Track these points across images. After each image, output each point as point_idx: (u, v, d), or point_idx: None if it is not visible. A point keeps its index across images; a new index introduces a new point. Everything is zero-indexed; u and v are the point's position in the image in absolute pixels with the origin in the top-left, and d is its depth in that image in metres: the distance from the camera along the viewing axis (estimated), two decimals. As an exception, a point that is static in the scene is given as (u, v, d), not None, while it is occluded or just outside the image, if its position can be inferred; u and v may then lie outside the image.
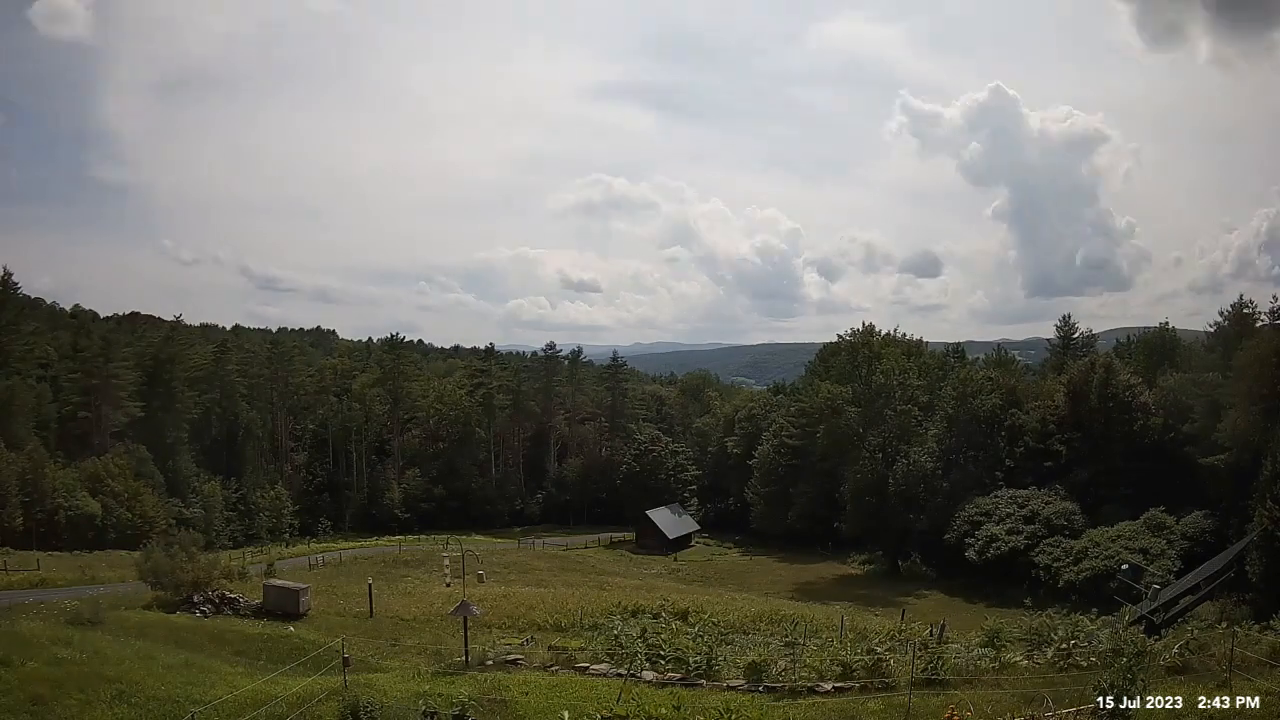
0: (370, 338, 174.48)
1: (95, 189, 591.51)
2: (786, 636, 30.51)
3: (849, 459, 79.99)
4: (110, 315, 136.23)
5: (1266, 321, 66.94)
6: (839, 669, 19.25)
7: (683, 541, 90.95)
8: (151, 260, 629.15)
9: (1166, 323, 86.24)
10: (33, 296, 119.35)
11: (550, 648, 26.68)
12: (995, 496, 69.06)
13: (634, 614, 36.49)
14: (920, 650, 19.32)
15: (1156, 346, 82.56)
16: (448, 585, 39.66)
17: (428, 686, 19.81)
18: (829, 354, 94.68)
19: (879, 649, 20.13)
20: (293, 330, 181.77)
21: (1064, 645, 19.52)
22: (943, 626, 29.99)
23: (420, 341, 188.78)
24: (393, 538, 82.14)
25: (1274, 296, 77.33)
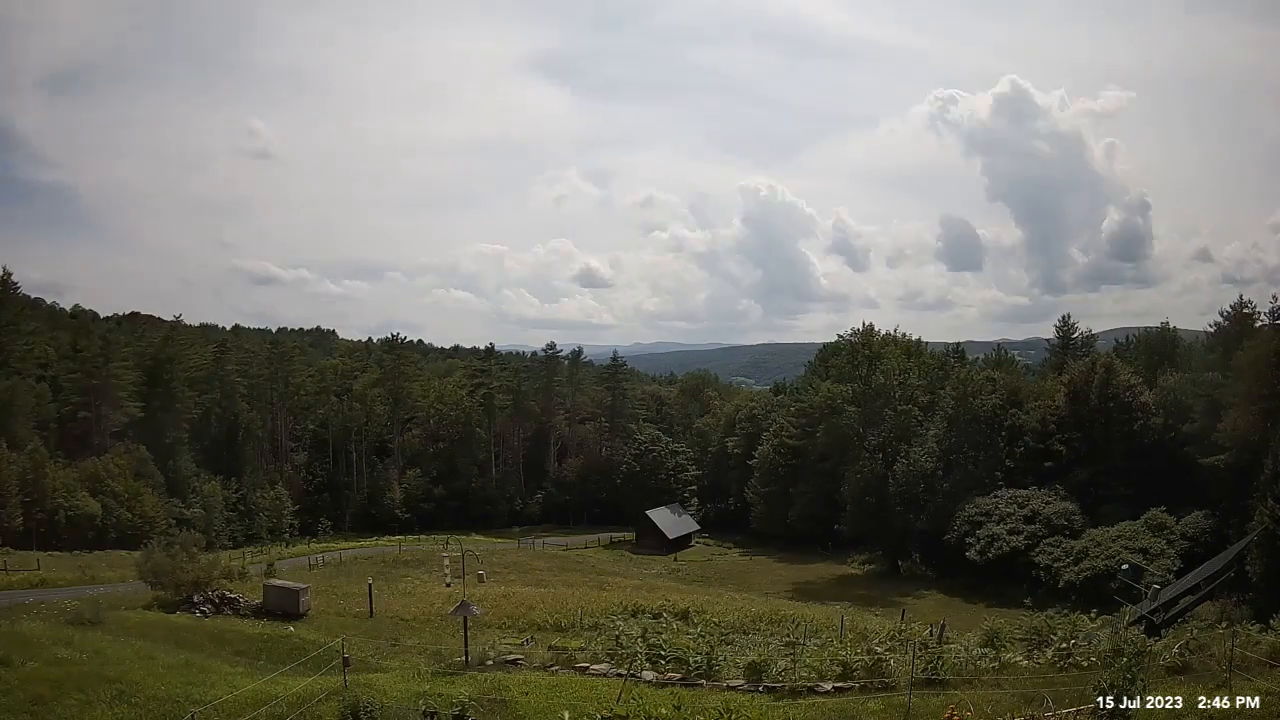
0: (370, 338, 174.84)
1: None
2: (786, 636, 30.51)
3: (849, 459, 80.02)
4: (110, 315, 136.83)
5: (1266, 322, 66.97)
6: (839, 669, 19.27)
7: (683, 541, 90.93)
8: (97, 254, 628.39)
9: (1167, 323, 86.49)
10: (33, 296, 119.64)
11: (550, 648, 26.67)
12: (995, 496, 68.97)
13: (634, 614, 36.55)
14: (920, 650, 19.33)
15: (1156, 346, 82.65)
16: (448, 585, 39.78)
17: (428, 686, 19.82)
18: (829, 354, 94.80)
19: (879, 649, 20.17)
20: (292, 330, 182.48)
21: (1064, 645, 19.55)
22: (943, 626, 29.96)
23: (420, 341, 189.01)
24: (393, 538, 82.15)
25: (1274, 297, 77.46)
